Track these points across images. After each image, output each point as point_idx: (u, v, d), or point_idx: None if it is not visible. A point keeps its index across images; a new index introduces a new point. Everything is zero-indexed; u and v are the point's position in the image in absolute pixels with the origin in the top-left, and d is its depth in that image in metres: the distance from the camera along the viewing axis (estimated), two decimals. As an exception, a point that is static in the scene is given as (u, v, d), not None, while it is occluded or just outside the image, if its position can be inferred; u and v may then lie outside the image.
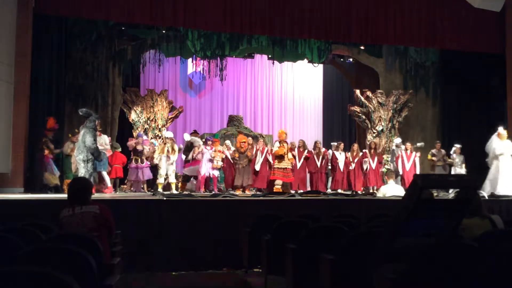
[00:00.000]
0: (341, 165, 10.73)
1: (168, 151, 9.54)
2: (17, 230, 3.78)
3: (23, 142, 8.96)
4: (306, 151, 10.71)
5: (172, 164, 9.62)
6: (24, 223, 4.20)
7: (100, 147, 8.59)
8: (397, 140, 11.56)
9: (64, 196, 6.98)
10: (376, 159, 10.82)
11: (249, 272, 6.06)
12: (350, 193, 10.18)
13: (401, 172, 10.80)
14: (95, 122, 8.04)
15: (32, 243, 3.20)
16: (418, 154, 11.01)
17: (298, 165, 10.45)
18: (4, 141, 8.72)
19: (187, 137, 10.62)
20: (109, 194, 9.10)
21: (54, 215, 3.80)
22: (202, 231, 6.71)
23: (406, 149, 10.99)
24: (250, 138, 10.64)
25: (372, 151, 10.95)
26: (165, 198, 7.30)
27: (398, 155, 11.00)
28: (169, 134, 9.98)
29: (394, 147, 11.50)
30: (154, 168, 10.32)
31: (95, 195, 6.66)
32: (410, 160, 10.84)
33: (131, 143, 10.48)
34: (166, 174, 9.67)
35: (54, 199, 7.09)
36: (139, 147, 10.30)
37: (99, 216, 3.74)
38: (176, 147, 9.77)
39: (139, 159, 10.25)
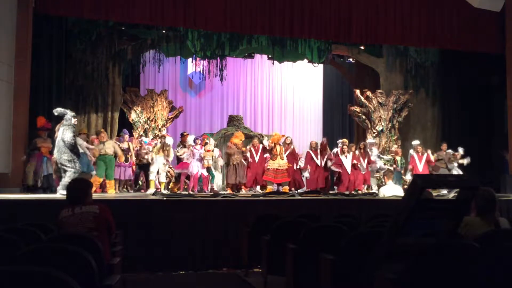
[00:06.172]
0: (348, 167, 10.48)
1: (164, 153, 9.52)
2: (17, 230, 3.78)
3: (23, 142, 8.94)
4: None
5: (165, 165, 9.59)
6: (24, 223, 4.21)
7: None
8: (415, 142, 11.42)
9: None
10: (366, 158, 10.79)
11: (249, 272, 6.07)
12: (350, 193, 10.18)
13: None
14: (72, 119, 7.90)
15: (32, 243, 3.20)
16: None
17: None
18: (4, 141, 8.71)
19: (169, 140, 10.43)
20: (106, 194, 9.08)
21: (54, 215, 3.80)
22: (202, 231, 6.71)
23: (417, 151, 10.95)
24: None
25: (361, 151, 10.92)
26: (165, 198, 7.31)
27: (412, 155, 10.99)
28: (170, 141, 9.78)
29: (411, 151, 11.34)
30: (145, 167, 10.28)
31: (95, 195, 6.65)
32: (422, 161, 10.83)
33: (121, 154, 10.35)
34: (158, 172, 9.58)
35: (54, 199, 7.10)
36: (124, 145, 10.17)
37: (99, 216, 3.74)
38: (171, 153, 9.76)
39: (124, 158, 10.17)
